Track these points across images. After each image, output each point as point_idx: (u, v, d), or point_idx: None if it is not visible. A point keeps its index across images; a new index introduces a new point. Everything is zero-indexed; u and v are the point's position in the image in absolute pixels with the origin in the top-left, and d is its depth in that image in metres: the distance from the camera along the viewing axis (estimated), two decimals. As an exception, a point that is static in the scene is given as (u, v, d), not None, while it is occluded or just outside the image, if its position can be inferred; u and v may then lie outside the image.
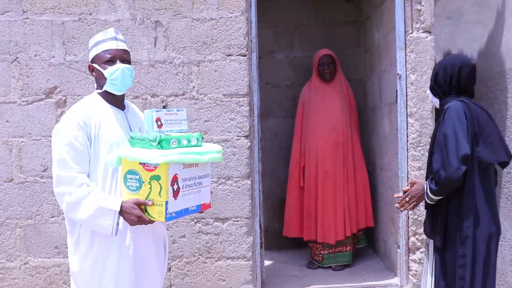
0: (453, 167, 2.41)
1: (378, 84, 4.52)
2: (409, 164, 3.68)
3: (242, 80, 3.52)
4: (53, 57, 3.53)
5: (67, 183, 2.07)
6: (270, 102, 5.11)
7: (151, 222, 2.06)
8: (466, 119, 2.47)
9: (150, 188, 2.03)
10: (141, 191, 2.05)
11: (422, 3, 3.63)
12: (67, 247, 3.40)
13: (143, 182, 2.04)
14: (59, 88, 3.56)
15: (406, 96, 3.67)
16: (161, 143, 2.05)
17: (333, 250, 4.34)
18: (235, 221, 3.57)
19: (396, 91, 3.73)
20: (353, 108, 4.54)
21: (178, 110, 2.19)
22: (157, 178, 2.02)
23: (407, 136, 3.68)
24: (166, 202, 2.01)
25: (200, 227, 3.57)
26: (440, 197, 2.53)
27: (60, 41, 3.52)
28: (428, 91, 2.73)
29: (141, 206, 2.04)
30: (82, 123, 2.10)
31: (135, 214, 2.04)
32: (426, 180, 2.62)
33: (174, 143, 2.08)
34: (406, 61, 3.64)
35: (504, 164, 2.56)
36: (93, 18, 3.51)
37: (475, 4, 3.89)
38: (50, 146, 3.54)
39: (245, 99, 3.53)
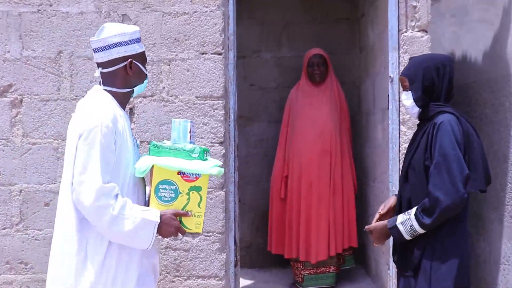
0: (460, 193, 2.33)
1: (372, 88, 4.51)
2: None
3: (217, 81, 3.50)
4: (8, 51, 3.49)
5: (108, 195, 2.05)
6: (255, 105, 5.11)
7: (185, 233, 2.18)
8: (461, 136, 2.42)
9: (188, 199, 2.15)
10: (176, 202, 2.15)
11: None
12: (20, 263, 3.43)
13: (180, 193, 2.14)
14: (14, 86, 3.51)
15: (399, 101, 3.61)
16: (201, 154, 2.19)
17: (314, 271, 4.30)
18: (207, 236, 3.53)
19: (388, 95, 3.70)
20: (344, 113, 4.51)
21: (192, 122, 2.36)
22: (197, 189, 2.15)
23: (399, 146, 3.63)
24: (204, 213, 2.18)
25: (168, 242, 3.52)
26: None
27: (17, 35, 3.48)
28: (412, 104, 2.58)
29: (178, 217, 2.15)
30: (111, 127, 2.10)
31: (174, 226, 2.13)
32: (397, 213, 2.51)
33: (207, 154, 2.24)
34: (399, 63, 3.58)
35: (482, 191, 2.50)
36: (53, 10, 3.48)
37: (481, 1, 3.86)
38: (4, 150, 3.47)
39: (220, 102, 3.50)
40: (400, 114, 3.63)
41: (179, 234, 2.16)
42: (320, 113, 4.34)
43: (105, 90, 2.21)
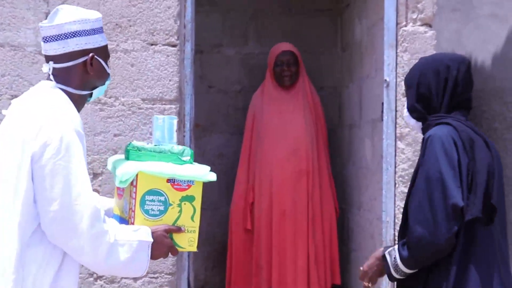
0: (441, 230, 2.26)
1: (358, 94, 4.46)
2: (396, 205, 3.53)
3: (170, 80, 3.45)
4: None
5: (100, 219, 2.04)
6: (214, 112, 5.06)
7: (177, 253, 2.21)
8: (457, 152, 2.32)
9: (180, 211, 2.15)
10: (165, 215, 2.15)
11: None
12: None
13: (171, 205, 2.14)
14: None
15: (396, 111, 3.52)
16: (192, 157, 2.22)
17: None
18: (152, 277, 3.44)
19: (382, 104, 3.60)
20: (321, 124, 4.54)
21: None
22: (190, 199, 2.15)
23: (395, 166, 3.54)
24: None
25: (102, 285, 3.44)
26: (414, 271, 2.38)
27: None
28: (406, 114, 2.58)
29: (169, 234, 2.18)
30: (82, 134, 2.08)
31: (166, 245, 2.15)
32: (397, 242, 2.48)
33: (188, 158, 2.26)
34: (396, 64, 3.51)
35: (481, 221, 2.38)
36: None
37: (492, -7, 4.05)
38: None
39: (173, 106, 3.46)
40: (397, 127, 3.55)
41: (169, 254, 2.19)
42: (293, 124, 4.35)
43: (59, 88, 2.15)
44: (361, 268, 2.55)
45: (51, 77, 2.15)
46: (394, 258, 2.39)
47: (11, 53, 3.29)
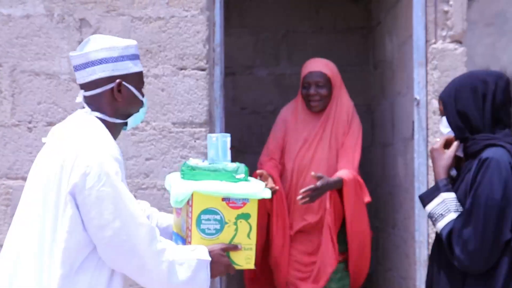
0: (486, 261, 2.23)
1: (390, 112, 4.44)
2: (429, 224, 3.50)
3: (200, 104, 3.47)
4: None
5: (155, 236, 2.07)
6: (247, 133, 5.06)
7: (235, 271, 2.24)
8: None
9: (236, 229, 2.19)
10: (222, 234, 2.19)
11: (450, 3, 3.51)
12: None
13: (226, 223, 2.18)
14: None
15: (427, 129, 3.55)
16: (246, 175, 2.26)
17: None
18: None
19: (413, 122, 3.62)
20: (355, 151, 3.84)
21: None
22: (246, 216, 2.19)
23: (428, 185, 3.52)
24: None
25: None
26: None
27: None
28: (450, 132, 2.46)
29: (226, 252, 2.21)
30: (120, 158, 2.09)
31: (224, 263, 2.17)
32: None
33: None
34: (426, 82, 3.54)
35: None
36: (-9, 12, 3.51)
37: (528, 5, 4.06)
38: None
39: (203, 129, 3.47)
40: (428, 145, 3.53)
41: (232, 271, 2.22)
42: (314, 160, 3.75)
43: (97, 117, 2.16)
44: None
45: (85, 105, 2.16)
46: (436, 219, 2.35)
47: (47, 81, 3.35)
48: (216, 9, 3.52)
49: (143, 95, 2.21)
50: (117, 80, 2.12)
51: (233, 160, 4.56)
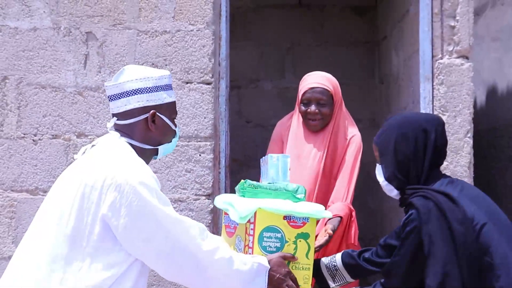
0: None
1: None
2: None
3: (205, 118, 3.48)
4: None
5: (207, 234, 2.12)
6: (251, 147, 5.07)
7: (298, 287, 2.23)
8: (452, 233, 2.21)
9: (296, 248, 2.23)
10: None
11: (457, 18, 3.55)
12: None
13: (286, 242, 2.23)
14: None
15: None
16: (305, 195, 2.32)
17: None
18: None
19: None
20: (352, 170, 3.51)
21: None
22: (305, 236, 2.23)
23: None
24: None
25: None
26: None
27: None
28: (384, 182, 2.43)
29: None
30: (154, 176, 2.12)
31: (284, 272, 2.18)
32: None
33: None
34: (433, 97, 3.56)
35: None
36: (-1, 25, 3.53)
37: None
38: None
39: (208, 143, 3.48)
40: None
41: (293, 282, 2.21)
42: (305, 173, 3.34)
43: (129, 143, 2.18)
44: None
45: (114, 131, 2.18)
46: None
47: (52, 94, 3.36)
48: (222, 23, 3.54)
49: (175, 125, 2.23)
50: (152, 111, 2.14)
51: (237, 173, 4.62)
